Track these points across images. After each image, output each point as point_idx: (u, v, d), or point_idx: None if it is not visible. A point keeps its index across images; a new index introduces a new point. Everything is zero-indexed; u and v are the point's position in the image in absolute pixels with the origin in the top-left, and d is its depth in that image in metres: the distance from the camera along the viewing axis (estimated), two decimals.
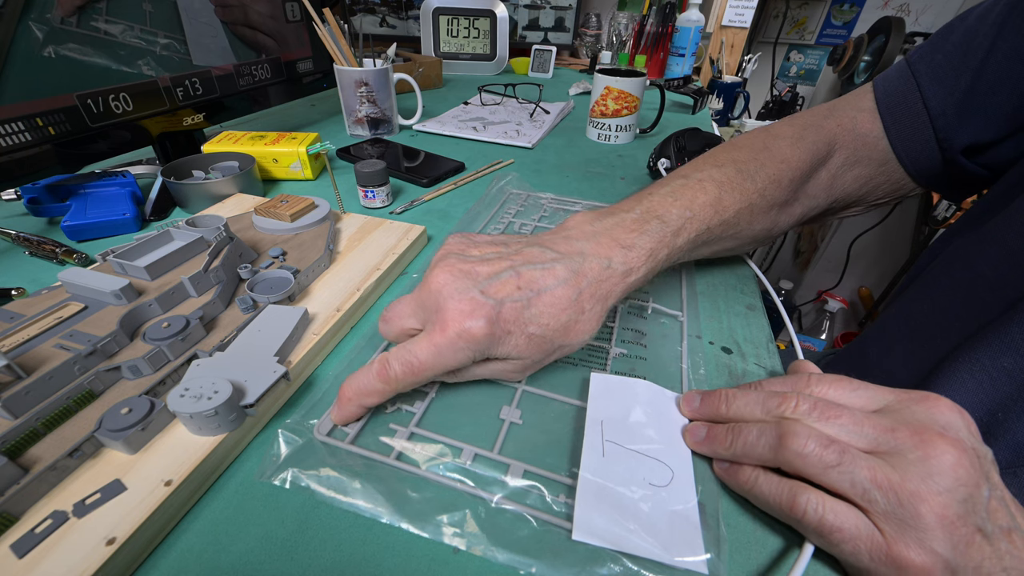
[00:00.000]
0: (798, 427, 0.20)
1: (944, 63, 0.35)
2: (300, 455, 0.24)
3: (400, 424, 0.26)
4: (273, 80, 0.63)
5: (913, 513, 0.18)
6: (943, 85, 0.35)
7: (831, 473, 0.19)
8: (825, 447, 0.19)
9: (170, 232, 0.34)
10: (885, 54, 1.16)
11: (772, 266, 1.86)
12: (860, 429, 0.20)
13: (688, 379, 0.30)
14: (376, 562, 0.21)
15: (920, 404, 0.21)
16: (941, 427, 0.20)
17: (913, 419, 0.20)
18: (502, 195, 0.51)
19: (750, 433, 0.22)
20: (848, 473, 0.19)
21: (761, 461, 0.22)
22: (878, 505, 0.18)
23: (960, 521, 0.18)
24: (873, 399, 0.22)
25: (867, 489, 0.19)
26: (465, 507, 0.22)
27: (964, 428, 0.20)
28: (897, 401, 0.21)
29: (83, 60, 0.43)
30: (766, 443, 0.21)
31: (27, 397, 0.23)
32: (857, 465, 0.19)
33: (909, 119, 0.36)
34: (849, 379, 0.23)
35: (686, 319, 0.34)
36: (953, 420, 0.20)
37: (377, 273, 0.36)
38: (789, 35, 1.52)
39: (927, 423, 0.20)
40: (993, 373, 0.28)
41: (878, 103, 0.38)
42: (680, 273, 0.40)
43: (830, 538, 0.19)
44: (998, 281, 0.30)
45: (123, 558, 0.19)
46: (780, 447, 0.20)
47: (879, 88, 0.38)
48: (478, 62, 1.12)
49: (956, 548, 0.18)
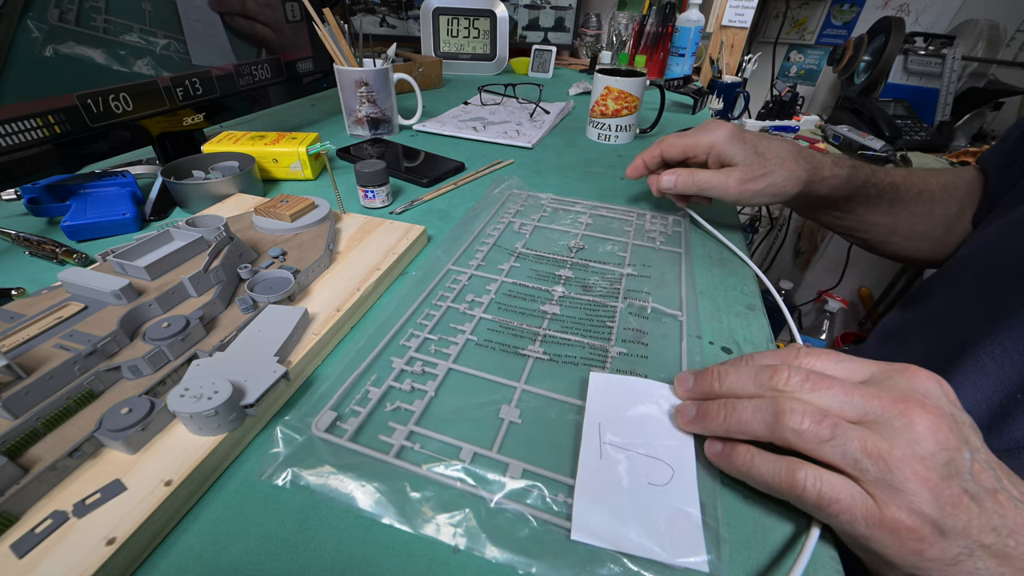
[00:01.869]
0: (793, 403, 0.21)
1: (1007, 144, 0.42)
2: (300, 454, 0.24)
3: (399, 422, 0.26)
4: (273, 80, 0.63)
5: (901, 478, 0.19)
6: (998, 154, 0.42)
7: (825, 447, 0.20)
8: (819, 422, 0.20)
9: (170, 232, 0.34)
10: (885, 54, 1.15)
11: (772, 266, 1.86)
12: (850, 399, 0.21)
13: None
14: (376, 562, 0.21)
15: (901, 375, 0.22)
16: (922, 395, 0.21)
17: (896, 388, 0.21)
18: (502, 196, 0.52)
19: (745, 410, 0.22)
20: (840, 446, 0.20)
21: (755, 437, 0.22)
22: (869, 474, 0.19)
23: (944, 483, 0.19)
24: (857, 371, 0.23)
25: (858, 459, 0.19)
26: (465, 507, 0.22)
27: (943, 396, 0.21)
28: (880, 372, 0.22)
29: (83, 60, 0.43)
30: (761, 420, 0.21)
31: (27, 397, 0.23)
32: (848, 437, 0.20)
33: None
34: (835, 352, 0.24)
35: (686, 319, 0.34)
36: (933, 389, 0.21)
37: (377, 273, 0.36)
38: (789, 35, 1.52)
39: (909, 392, 0.21)
40: (1015, 356, 0.29)
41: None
42: (680, 273, 0.40)
43: (828, 510, 0.20)
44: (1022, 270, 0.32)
45: (123, 558, 0.19)
46: (776, 424, 0.21)
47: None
48: (478, 62, 1.12)
49: (943, 509, 0.18)
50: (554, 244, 0.44)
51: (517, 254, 0.42)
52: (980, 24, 1.14)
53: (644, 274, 0.40)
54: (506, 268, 0.40)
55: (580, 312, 0.35)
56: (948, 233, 0.45)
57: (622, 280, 0.39)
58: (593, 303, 0.36)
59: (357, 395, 0.28)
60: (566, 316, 0.35)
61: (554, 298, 0.37)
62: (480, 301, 0.36)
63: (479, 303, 0.36)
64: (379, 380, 0.29)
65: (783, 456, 0.21)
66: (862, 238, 0.48)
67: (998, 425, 0.29)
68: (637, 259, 0.42)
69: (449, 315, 0.35)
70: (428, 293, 0.36)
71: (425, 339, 0.32)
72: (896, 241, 0.46)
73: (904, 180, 0.44)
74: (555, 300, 0.36)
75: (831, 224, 0.48)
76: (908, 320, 0.41)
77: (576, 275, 0.39)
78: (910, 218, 0.45)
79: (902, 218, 0.45)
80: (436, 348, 0.32)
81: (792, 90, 1.51)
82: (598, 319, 0.35)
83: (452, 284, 0.38)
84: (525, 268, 0.40)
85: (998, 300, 0.32)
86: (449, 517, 0.22)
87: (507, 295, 0.37)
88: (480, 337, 0.33)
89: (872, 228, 0.46)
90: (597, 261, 0.41)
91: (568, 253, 0.43)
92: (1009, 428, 0.29)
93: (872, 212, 0.45)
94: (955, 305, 0.36)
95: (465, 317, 0.34)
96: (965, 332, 0.33)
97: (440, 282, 0.38)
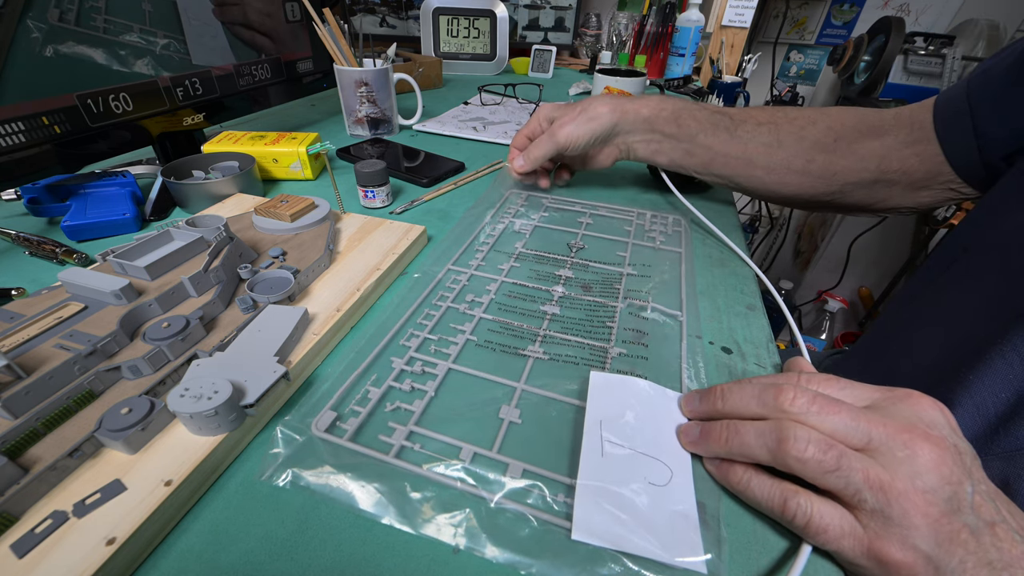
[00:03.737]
0: (798, 430, 0.20)
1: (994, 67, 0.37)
2: (300, 455, 0.24)
3: (399, 422, 0.26)
4: (273, 80, 0.63)
5: (900, 511, 0.18)
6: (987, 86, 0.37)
7: (829, 478, 0.20)
8: (824, 452, 0.20)
9: (170, 232, 0.34)
10: (885, 54, 1.15)
11: (772, 266, 1.86)
12: (856, 424, 0.20)
13: (688, 379, 0.30)
14: (376, 562, 0.21)
15: (904, 402, 0.21)
16: (927, 424, 0.20)
17: (900, 416, 0.21)
18: (503, 196, 0.52)
19: (748, 433, 0.22)
20: (844, 477, 0.19)
21: (757, 461, 0.22)
22: (867, 504, 0.19)
23: (945, 519, 0.18)
24: (861, 396, 0.23)
25: (859, 489, 0.19)
26: (465, 507, 0.22)
27: (946, 425, 0.21)
28: (883, 399, 0.22)
29: (83, 60, 0.43)
30: (763, 444, 0.21)
31: (27, 397, 0.23)
32: (853, 468, 0.19)
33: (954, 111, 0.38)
34: (838, 378, 0.23)
35: (686, 319, 0.34)
36: (936, 417, 0.21)
37: (377, 273, 0.36)
38: (789, 35, 1.52)
39: (913, 420, 0.20)
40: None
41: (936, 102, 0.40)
42: (680, 273, 0.40)
43: (817, 538, 0.20)
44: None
45: (123, 558, 0.19)
46: (779, 450, 0.20)
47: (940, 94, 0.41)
48: (478, 62, 1.12)
49: (940, 544, 0.18)
50: (554, 244, 0.44)
51: (517, 254, 0.42)
52: (980, 24, 1.14)
53: (644, 274, 0.40)
54: (506, 268, 0.40)
55: (580, 313, 0.35)
56: (810, 164, 0.43)
57: (622, 280, 0.39)
58: (593, 303, 0.36)
59: (357, 395, 0.28)
60: (566, 316, 0.35)
61: (554, 298, 0.37)
62: (480, 301, 0.36)
63: (479, 303, 0.36)
64: (379, 380, 0.29)
65: (778, 481, 0.21)
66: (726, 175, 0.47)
67: (1006, 424, 0.29)
68: (637, 259, 0.42)
69: (449, 315, 0.35)
70: (428, 293, 0.36)
71: (425, 339, 0.32)
72: (758, 175, 0.45)
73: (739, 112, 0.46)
74: (555, 300, 0.36)
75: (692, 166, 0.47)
76: (910, 317, 0.40)
77: (576, 275, 0.39)
78: (761, 149, 0.44)
79: (752, 148, 0.44)
80: (436, 348, 0.32)
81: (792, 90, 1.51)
82: (598, 319, 0.35)
83: (452, 284, 0.38)
84: (525, 268, 0.40)
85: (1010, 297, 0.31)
86: (449, 517, 0.22)
87: (507, 295, 0.37)
88: (480, 337, 0.33)
89: (729, 161, 0.45)
90: (597, 261, 0.41)
91: (568, 253, 0.43)
92: (1017, 428, 0.28)
93: (711, 138, 0.45)
94: (962, 300, 0.35)
95: (465, 317, 0.34)
96: (973, 328, 0.32)
97: (440, 282, 0.38)
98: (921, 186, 0.41)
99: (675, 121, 0.45)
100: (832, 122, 0.43)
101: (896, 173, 0.41)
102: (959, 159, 0.38)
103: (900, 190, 0.42)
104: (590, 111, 0.45)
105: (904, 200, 0.43)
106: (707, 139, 0.45)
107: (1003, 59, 0.36)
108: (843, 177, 0.43)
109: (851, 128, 0.42)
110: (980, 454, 0.21)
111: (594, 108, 0.45)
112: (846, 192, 0.43)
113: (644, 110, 0.45)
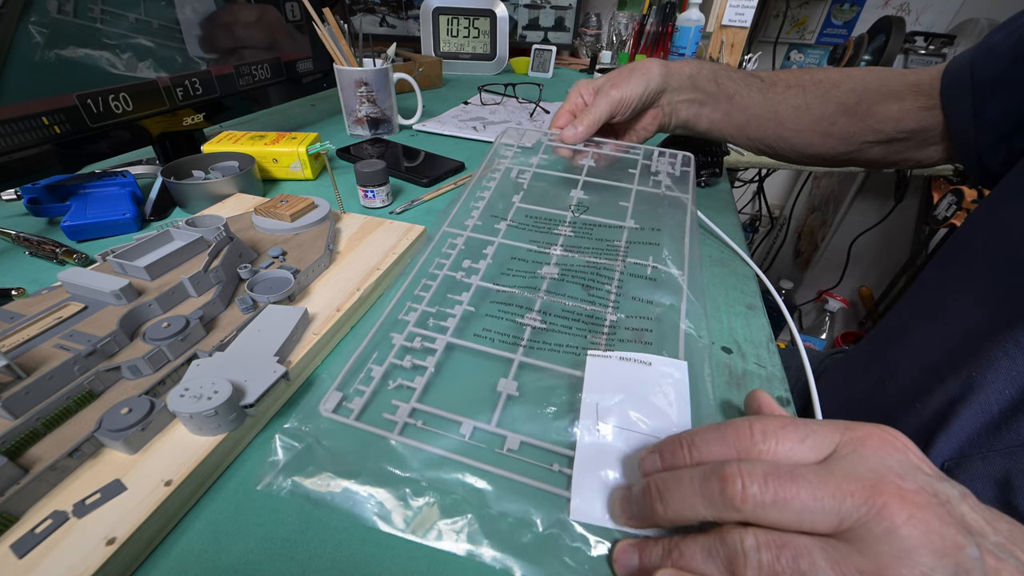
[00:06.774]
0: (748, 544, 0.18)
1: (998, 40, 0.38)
2: (299, 462, 0.24)
3: (402, 400, 0.27)
4: (273, 80, 0.63)
5: None
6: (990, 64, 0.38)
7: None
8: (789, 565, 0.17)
9: (170, 232, 0.34)
10: (885, 54, 1.15)
11: (772, 266, 1.86)
12: (821, 504, 0.17)
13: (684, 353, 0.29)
14: (376, 562, 0.21)
15: (867, 446, 0.19)
16: (897, 475, 0.18)
17: (866, 470, 0.18)
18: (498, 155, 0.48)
19: (694, 557, 0.19)
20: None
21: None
22: None
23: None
24: (820, 446, 0.20)
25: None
26: (467, 512, 0.22)
27: (916, 467, 0.18)
28: (843, 444, 0.19)
29: (83, 60, 0.42)
30: (715, 569, 0.18)
31: (27, 397, 0.23)
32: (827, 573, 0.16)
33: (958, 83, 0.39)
34: (794, 424, 0.20)
35: (687, 278, 0.33)
36: (903, 461, 0.19)
37: (377, 273, 0.36)
38: (789, 35, 1.51)
39: (882, 473, 0.18)
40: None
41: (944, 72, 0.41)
42: (685, 227, 0.38)
43: None
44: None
45: (123, 558, 0.19)
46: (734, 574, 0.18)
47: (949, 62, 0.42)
48: (478, 62, 1.12)
49: None
50: (553, 197, 0.41)
51: (514, 209, 0.39)
52: (980, 23, 1.14)
53: (647, 227, 0.37)
54: (502, 228, 0.38)
55: (579, 277, 0.34)
56: (832, 127, 0.45)
57: (623, 234, 0.37)
58: (593, 264, 0.35)
59: (360, 374, 0.28)
60: (565, 279, 0.34)
61: (552, 260, 0.35)
62: (477, 268, 0.34)
63: (476, 269, 0.34)
64: (380, 358, 0.29)
65: None
66: (758, 138, 0.48)
67: (1008, 420, 0.29)
68: (640, 209, 0.39)
69: (446, 283, 0.34)
70: (423, 261, 0.35)
71: (423, 312, 0.32)
72: (787, 137, 0.47)
73: (768, 75, 0.48)
74: (553, 262, 0.35)
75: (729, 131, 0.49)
76: (911, 316, 0.40)
77: (576, 233, 0.37)
78: (791, 112, 0.46)
79: (783, 110, 0.46)
80: (434, 321, 0.31)
81: None
82: (597, 283, 0.33)
83: (448, 249, 0.36)
84: (522, 228, 0.38)
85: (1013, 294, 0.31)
86: (451, 523, 0.22)
87: (504, 259, 0.36)
88: (477, 308, 0.32)
89: (763, 123, 0.47)
90: (598, 217, 0.39)
91: (567, 207, 0.40)
92: (1020, 423, 0.28)
93: (747, 99, 0.47)
94: (964, 298, 0.35)
95: (462, 286, 0.33)
96: (975, 325, 0.32)
97: (435, 247, 0.36)
98: (933, 143, 0.43)
99: (715, 80, 0.46)
100: (855, 84, 0.44)
101: (912, 132, 0.42)
102: (959, 137, 0.40)
103: (914, 144, 0.43)
104: (640, 68, 0.45)
105: (916, 154, 0.44)
106: (743, 100, 0.46)
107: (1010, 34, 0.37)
108: (862, 136, 0.44)
109: (873, 91, 0.43)
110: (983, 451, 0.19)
111: (644, 66, 0.46)
112: (863, 149, 0.45)
113: (687, 68, 0.47)
